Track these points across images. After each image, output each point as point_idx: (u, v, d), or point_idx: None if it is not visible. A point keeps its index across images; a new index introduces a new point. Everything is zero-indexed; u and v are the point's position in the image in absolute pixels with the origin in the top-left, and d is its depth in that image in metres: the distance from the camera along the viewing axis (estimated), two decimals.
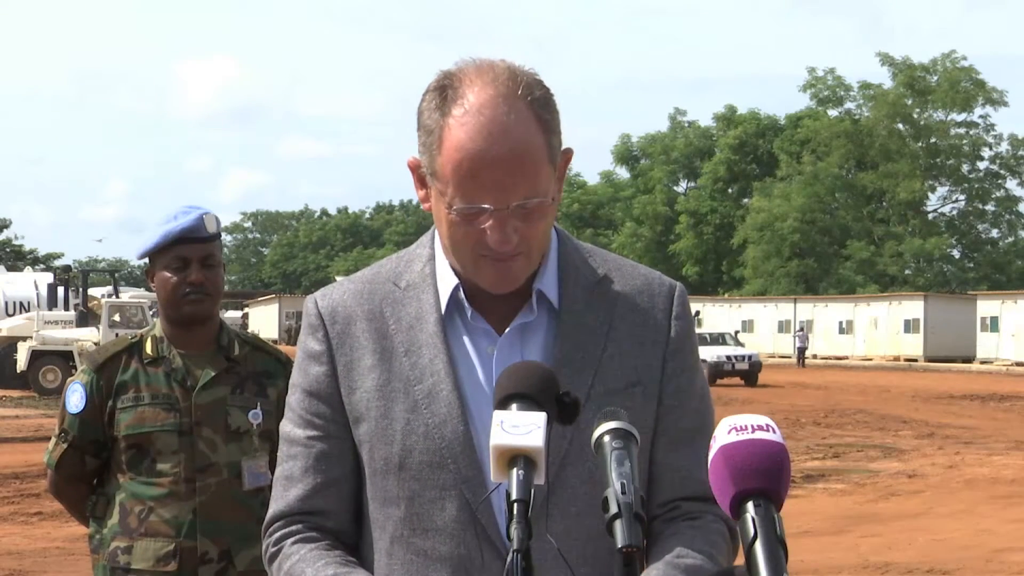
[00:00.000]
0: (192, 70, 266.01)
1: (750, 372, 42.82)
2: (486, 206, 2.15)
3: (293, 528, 2.27)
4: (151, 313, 33.25)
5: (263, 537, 2.32)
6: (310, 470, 2.28)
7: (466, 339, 2.26)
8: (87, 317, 36.40)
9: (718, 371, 42.00)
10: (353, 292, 2.32)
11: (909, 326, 62.13)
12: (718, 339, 45.72)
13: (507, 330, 2.25)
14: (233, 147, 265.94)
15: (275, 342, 34.47)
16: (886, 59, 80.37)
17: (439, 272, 2.29)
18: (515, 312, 2.26)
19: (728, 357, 42.89)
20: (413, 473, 2.22)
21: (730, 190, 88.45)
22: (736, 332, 55.55)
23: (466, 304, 2.26)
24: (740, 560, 1.80)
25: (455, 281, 2.26)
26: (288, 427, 2.32)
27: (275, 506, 2.30)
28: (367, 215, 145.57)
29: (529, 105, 2.17)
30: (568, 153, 2.26)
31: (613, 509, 1.78)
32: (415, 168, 2.25)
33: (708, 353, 41.76)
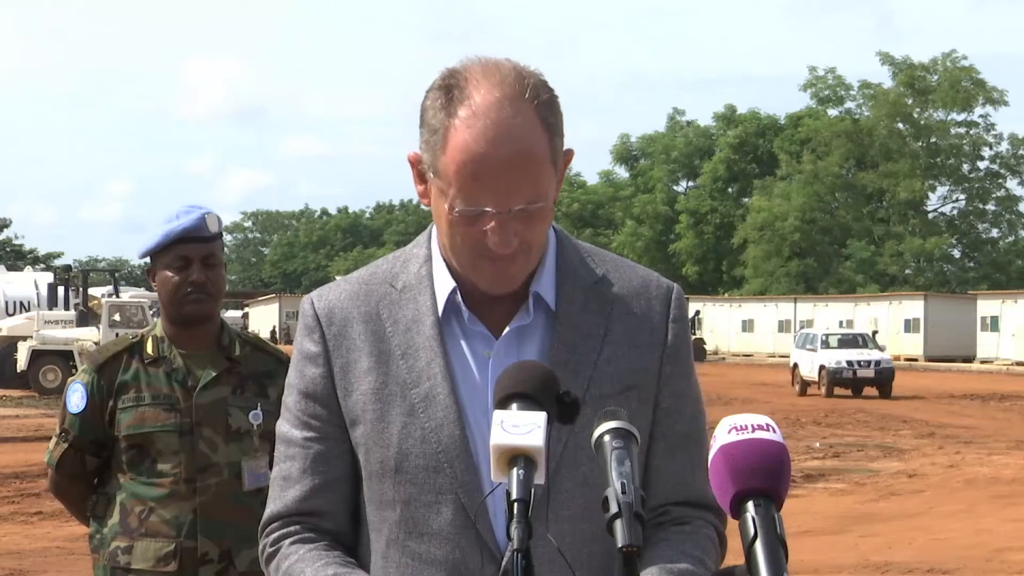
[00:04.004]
0: (194, 70, 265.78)
1: (878, 380, 35.69)
2: (488, 209, 2.13)
3: (291, 529, 2.27)
4: (151, 313, 33.23)
5: (260, 537, 2.31)
6: (308, 471, 2.27)
7: (463, 342, 2.25)
8: (87, 317, 36.37)
9: (836, 379, 35.73)
10: (349, 293, 2.31)
11: (909, 326, 62.10)
12: (850, 340, 38.47)
13: (504, 333, 2.24)
14: (234, 147, 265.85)
15: (275, 342, 34.50)
16: (886, 59, 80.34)
17: (436, 273, 2.27)
18: (512, 315, 2.25)
19: (849, 363, 35.91)
20: (409, 476, 2.21)
21: (730, 189, 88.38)
22: (874, 332, 48.56)
23: (463, 307, 2.25)
24: (740, 559, 1.80)
25: (452, 283, 2.25)
26: (285, 428, 2.32)
27: (272, 507, 2.30)
28: (367, 215, 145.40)
29: (535, 108, 2.15)
30: (569, 154, 2.24)
31: (613, 508, 1.78)
32: (415, 163, 2.23)
33: (827, 358, 36.33)
